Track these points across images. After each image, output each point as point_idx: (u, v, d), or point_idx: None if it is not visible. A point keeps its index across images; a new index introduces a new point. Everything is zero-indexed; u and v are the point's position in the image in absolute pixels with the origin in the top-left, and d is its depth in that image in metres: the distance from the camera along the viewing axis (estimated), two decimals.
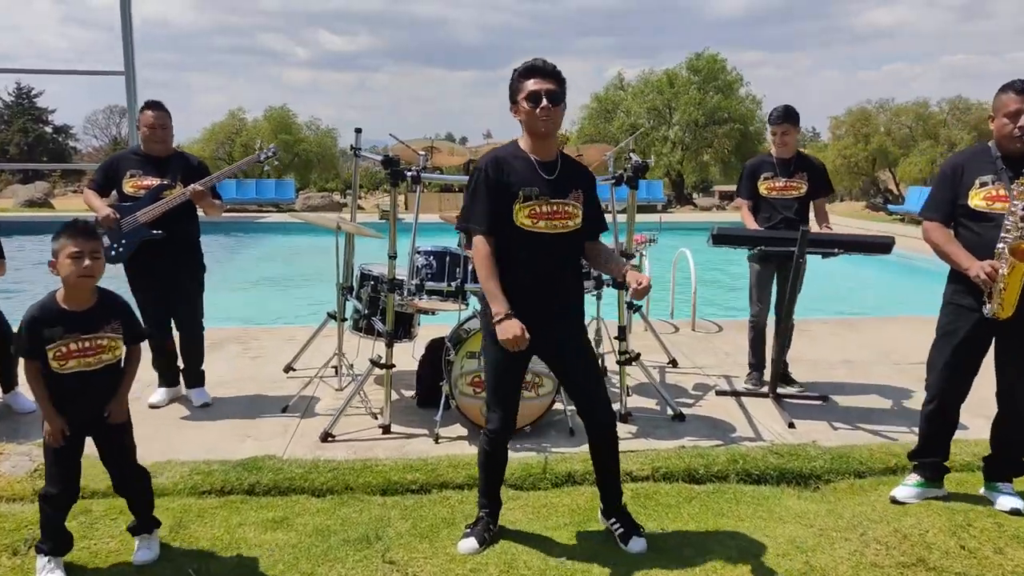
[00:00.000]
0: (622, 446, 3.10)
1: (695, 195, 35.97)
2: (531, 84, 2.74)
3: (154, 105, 4.41)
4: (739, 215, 4.96)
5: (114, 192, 4.46)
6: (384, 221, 4.64)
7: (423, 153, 4.22)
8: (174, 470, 3.59)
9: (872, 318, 6.98)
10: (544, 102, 2.72)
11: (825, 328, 6.73)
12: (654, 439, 4.13)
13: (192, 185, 4.33)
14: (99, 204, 4.36)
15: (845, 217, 19.96)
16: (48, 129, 51.86)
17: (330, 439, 4.04)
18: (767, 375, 4.84)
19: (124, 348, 2.82)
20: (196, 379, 4.66)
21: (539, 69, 2.75)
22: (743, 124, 32.94)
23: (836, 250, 4.26)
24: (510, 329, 2.69)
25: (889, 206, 23.34)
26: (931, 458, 3.48)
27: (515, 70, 2.81)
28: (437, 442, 4.03)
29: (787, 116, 4.73)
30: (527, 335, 2.70)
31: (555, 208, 2.80)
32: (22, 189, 30.69)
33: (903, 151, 30.67)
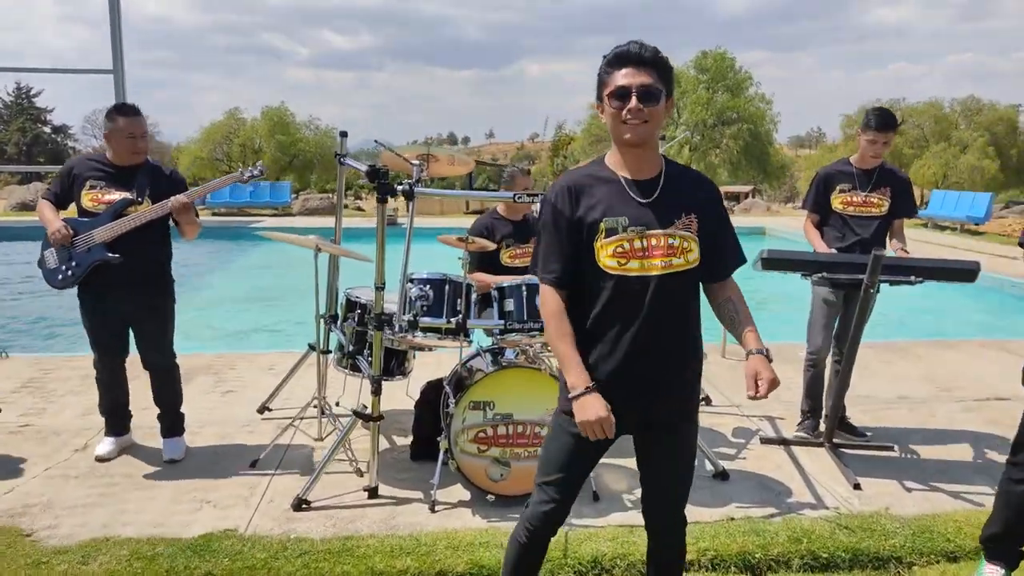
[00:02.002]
0: None
1: None
2: (621, 76, 2.03)
3: (128, 110, 3.64)
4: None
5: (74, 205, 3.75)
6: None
7: (417, 163, 3.52)
8: (110, 553, 2.93)
9: (925, 342, 6.25)
10: (633, 101, 2.00)
11: (872, 354, 5.99)
12: (694, 505, 3.43)
13: (176, 196, 3.63)
14: (51, 217, 3.66)
15: None
16: (47, 129, 51.32)
17: (304, 507, 3.35)
18: (822, 425, 4.14)
19: None
20: (172, 427, 3.94)
21: (632, 56, 2.04)
22: (752, 124, 32.26)
23: (912, 278, 3.56)
24: (592, 409, 2.00)
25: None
26: (1017, 544, 2.84)
27: (604, 57, 2.09)
28: (433, 511, 3.34)
29: (891, 122, 3.95)
30: (613, 419, 2.01)
31: (653, 243, 2.06)
32: (18, 190, 30.00)
33: (915, 152, 29.98)
